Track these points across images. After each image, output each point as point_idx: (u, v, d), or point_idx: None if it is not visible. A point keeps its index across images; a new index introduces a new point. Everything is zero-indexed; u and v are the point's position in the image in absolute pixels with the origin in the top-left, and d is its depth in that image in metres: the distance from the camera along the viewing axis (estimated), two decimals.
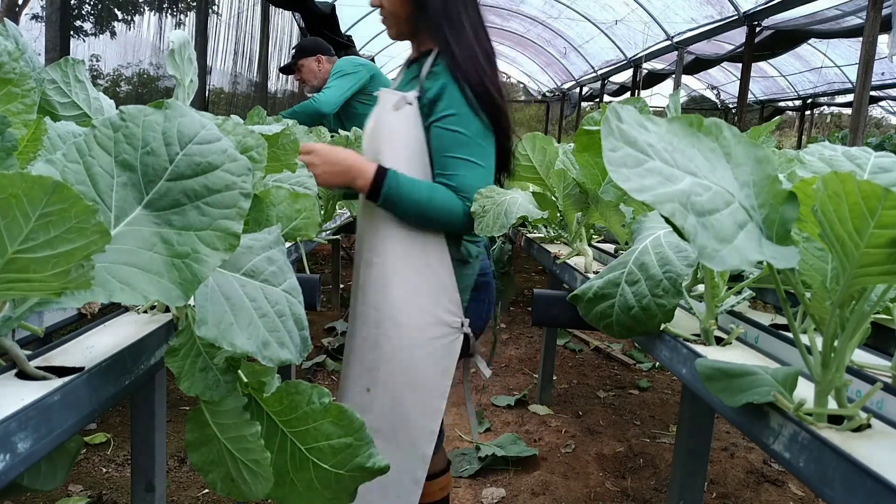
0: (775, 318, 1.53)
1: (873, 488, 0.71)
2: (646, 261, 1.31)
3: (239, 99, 6.97)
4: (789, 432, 0.87)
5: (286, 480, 1.02)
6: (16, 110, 0.87)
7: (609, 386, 3.42)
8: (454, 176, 1.41)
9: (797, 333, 0.93)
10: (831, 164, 1.03)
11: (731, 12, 8.37)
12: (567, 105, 17.11)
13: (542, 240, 2.77)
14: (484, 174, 1.44)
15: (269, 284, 0.98)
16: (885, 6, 5.18)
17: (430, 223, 1.44)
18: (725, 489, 2.40)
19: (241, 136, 1.18)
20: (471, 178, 1.41)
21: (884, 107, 16.66)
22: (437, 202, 1.41)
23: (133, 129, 0.79)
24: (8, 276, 0.65)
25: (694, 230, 0.72)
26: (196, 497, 2.17)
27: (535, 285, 5.49)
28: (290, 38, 8.59)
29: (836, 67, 12.35)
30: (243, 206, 0.79)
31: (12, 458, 0.71)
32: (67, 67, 1.20)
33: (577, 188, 2.03)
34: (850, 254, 0.76)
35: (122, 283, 0.73)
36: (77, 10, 4.85)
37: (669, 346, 1.29)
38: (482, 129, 1.43)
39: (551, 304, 1.58)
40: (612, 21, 11.07)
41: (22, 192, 0.59)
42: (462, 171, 1.41)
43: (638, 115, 0.80)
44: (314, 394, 0.99)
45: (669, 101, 1.72)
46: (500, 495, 2.25)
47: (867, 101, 5.17)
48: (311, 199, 1.56)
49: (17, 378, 0.86)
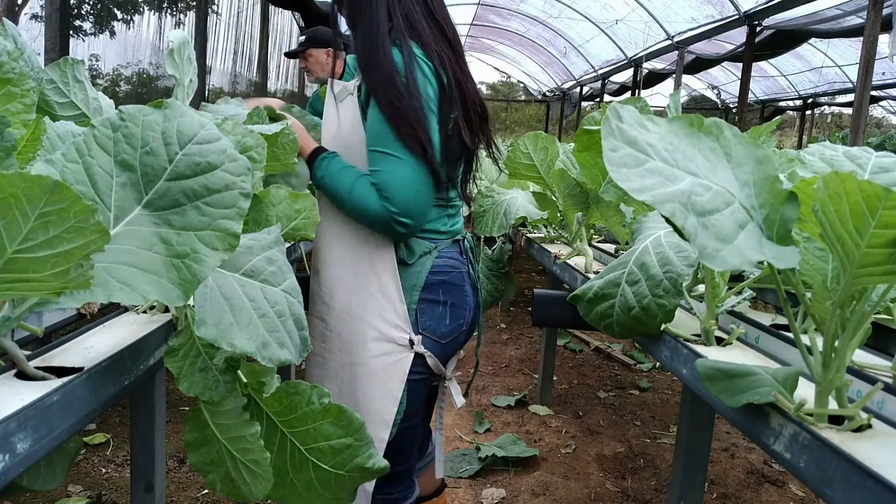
0: (776, 318, 1.53)
1: (874, 488, 0.71)
2: (646, 261, 1.30)
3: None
4: (790, 432, 0.87)
5: (286, 481, 1.02)
6: (15, 110, 0.87)
7: (609, 386, 3.42)
8: (376, 172, 1.28)
9: (798, 333, 0.93)
10: (832, 163, 1.03)
11: (731, 12, 8.37)
12: (567, 105, 17.11)
13: (543, 240, 2.77)
14: (409, 172, 1.26)
15: (269, 284, 0.98)
16: (886, 6, 5.18)
17: (352, 216, 1.33)
18: (726, 489, 2.40)
19: (240, 135, 1.18)
20: (390, 174, 1.26)
21: (884, 106, 16.66)
22: (356, 196, 1.29)
23: (132, 128, 0.79)
24: (7, 276, 0.65)
25: (694, 230, 0.71)
26: (195, 497, 2.17)
27: (535, 285, 5.49)
28: (290, 38, 8.60)
29: (837, 67, 12.35)
30: (243, 206, 0.79)
31: (12, 459, 0.71)
32: (66, 67, 1.20)
33: (577, 188, 2.03)
34: (851, 254, 0.76)
35: (121, 283, 0.73)
36: (76, 9, 4.85)
37: (670, 346, 1.29)
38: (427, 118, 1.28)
39: (551, 304, 1.57)
40: (613, 21, 11.07)
41: (21, 192, 0.58)
42: (382, 167, 1.27)
43: (638, 115, 0.79)
44: (314, 394, 0.99)
45: (670, 101, 1.72)
46: (500, 496, 2.25)
47: (868, 101, 5.16)
48: (311, 199, 1.56)
49: (17, 378, 0.86)
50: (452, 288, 1.38)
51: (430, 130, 1.27)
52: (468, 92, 1.34)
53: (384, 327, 1.31)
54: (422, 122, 1.25)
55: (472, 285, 1.45)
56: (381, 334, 1.31)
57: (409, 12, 1.31)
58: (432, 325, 1.36)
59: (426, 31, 1.32)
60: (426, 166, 1.27)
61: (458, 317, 1.39)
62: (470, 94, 1.34)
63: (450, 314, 1.37)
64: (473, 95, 1.35)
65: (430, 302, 1.36)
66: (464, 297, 1.41)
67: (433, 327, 1.36)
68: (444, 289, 1.37)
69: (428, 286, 1.35)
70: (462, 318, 1.41)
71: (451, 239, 1.41)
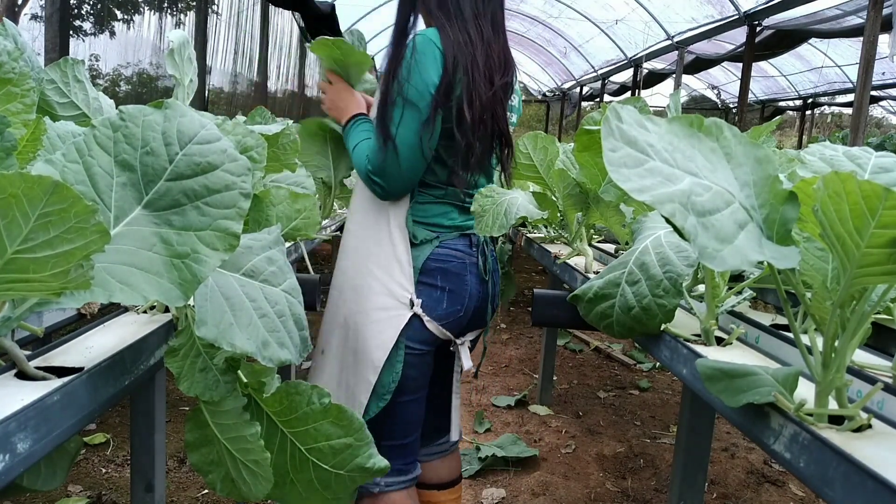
0: (776, 318, 1.53)
1: (874, 489, 0.71)
2: (646, 261, 1.30)
3: (239, 99, 6.97)
4: (790, 433, 0.87)
5: (286, 481, 1.02)
6: (15, 110, 0.87)
7: (609, 386, 3.42)
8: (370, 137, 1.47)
9: (798, 334, 0.93)
10: (832, 163, 1.03)
11: (731, 12, 8.37)
12: (567, 105, 17.11)
13: (543, 240, 2.77)
14: (380, 146, 1.37)
15: (269, 284, 0.98)
16: (886, 6, 5.18)
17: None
18: (726, 489, 2.40)
19: (240, 136, 1.18)
20: (372, 141, 1.42)
21: (884, 106, 16.66)
22: (356, 153, 1.47)
23: (133, 128, 0.79)
24: (7, 277, 0.65)
25: (694, 230, 0.71)
26: (196, 497, 2.17)
27: (536, 285, 5.49)
28: (291, 38, 8.60)
29: (837, 67, 12.35)
30: (243, 206, 0.79)
31: (12, 459, 0.71)
32: (67, 67, 1.20)
33: (577, 188, 2.03)
34: (851, 254, 0.76)
35: (121, 284, 0.73)
36: (77, 9, 4.84)
37: (670, 346, 1.29)
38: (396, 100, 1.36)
39: (551, 304, 1.57)
40: (613, 21, 11.07)
41: (21, 192, 0.58)
42: (370, 135, 1.45)
43: (638, 115, 0.79)
44: (314, 394, 0.99)
45: (670, 101, 1.72)
46: (500, 496, 2.25)
47: (868, 101, 5.17)
48: (311, 199, 1.56)
49: (17, 378, 0.86)
50: (451, 276, 1.45)
51: (393, 122, 1.36)
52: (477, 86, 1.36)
53: (390, 284, 1.42)
54: (389, 111, 1.36)
55: (479, 276, 1.50)
56: (387, 290, 1.41)
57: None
58: (429, 306, 1.44)
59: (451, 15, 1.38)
60: (392, 149, 1.37)
61: (456, 302, 1.46)
62: (479, 88, 1.36)
63: (447, 299, 1.45)
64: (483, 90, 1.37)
65: (428, 285, 1.44)
66: (463, 285, 1.47)
67: (430, 308, 1.44)
68: (443, 275, 1.45)
69: (426, 270, 1.43)
70: (460, 304, 1.47)
71: (459, 232, 1.49)
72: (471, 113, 1.35)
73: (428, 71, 1.32)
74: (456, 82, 1.33)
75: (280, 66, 8.36)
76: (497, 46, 1.42)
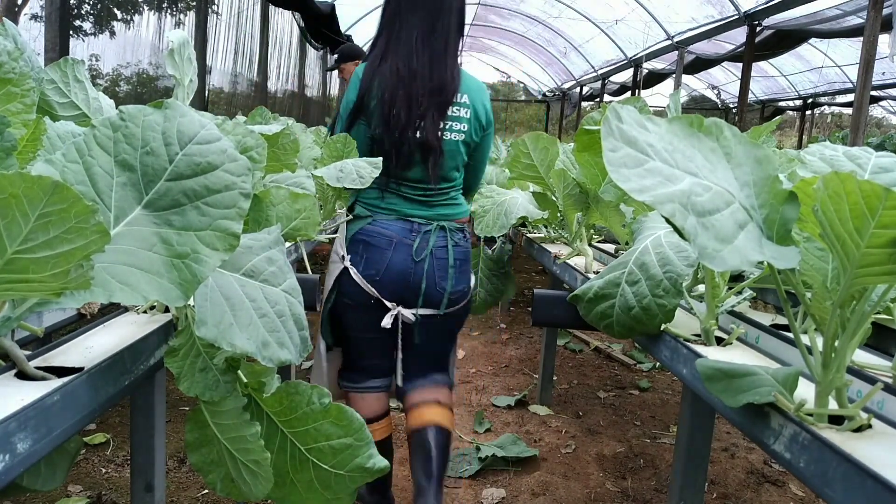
0: (776, 318, 1.53)
1: (874, 489, 0.71)
2: (646, 261, 1.30)
3: (239, 99, 6.97)
4: (790, 433, 0.87)
5: (286, 481, 1.02)
6: (15, 110, 0.87)
7: (609, 386, 3.42)
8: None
9: (798, 334, 0.93)
10: (832, 163, 1.03)
11: (731, 12, 8.37)
12: (567, 105, 17.11)
13: (543, 240, 2.77)
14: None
15: (269, 284, 0.98)
16: (886, 6, 5.18)
17: None
18: (726, 489, 2.40)
19: (240, 136, 1.18)
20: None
21: (884, 106, 16.65)
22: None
23: (133, 128, 0.79)
24: (7, 277, 0.65)
25: (694, 230, 0.71)
26: (196, 497, 2.17)
27: (535, 285, 5.49)
28: (291, 38, 8.59)
29: (837, 67, 12.35)
30: (243, 207, 0.79)
31: (12, 459, 0.71)
32: (66, 67, 1.20)
33: (577, 188, 2.03)
34: (851, 254, 0.76)
35: (121, 284, 0.73)
36: (76, 9, 4.84)
37: (670, 346, 1.29)
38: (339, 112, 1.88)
39: (551, 304, 1.57)
40: (613, 20, 11.07)
41: (21, 193, 0.58)
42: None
43: (638, 115, 0.79)
44: (314, 394, 0.99)
45: (670, 101, 1.72)
46: (500, 496, 2.25)
47: (868, 101, 5.17)
48: (311, 199, 1.57)
49: (17, 378, 0.86)
50: (373, 249, 1.79)
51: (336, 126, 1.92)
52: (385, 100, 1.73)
53: (338, 248, 1.89)
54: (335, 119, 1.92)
55: (409, 255, 1.78)
56: (336, 250, 1.89)
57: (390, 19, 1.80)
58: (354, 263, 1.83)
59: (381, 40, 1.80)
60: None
61: (370, 268, 1.79)
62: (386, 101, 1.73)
63: (363, 263, 1.80)
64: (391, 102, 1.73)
65: (353, 252, 1.83)
66: (382, 258, 1.79)
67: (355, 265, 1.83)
68: (364, 247, 1.80)
69: (353, 241, 1.81)
70: (374, 269, 1.78)
71: (397, 216, 1.79)
72: (384, 126, 1.73)
73: (349, 94, 1.79)
74: (367, 103, 1.75)
75: (280, 66, 8.36)
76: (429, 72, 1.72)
